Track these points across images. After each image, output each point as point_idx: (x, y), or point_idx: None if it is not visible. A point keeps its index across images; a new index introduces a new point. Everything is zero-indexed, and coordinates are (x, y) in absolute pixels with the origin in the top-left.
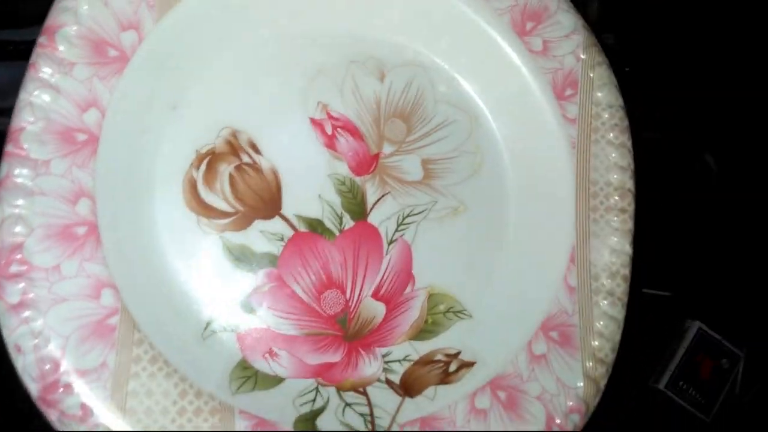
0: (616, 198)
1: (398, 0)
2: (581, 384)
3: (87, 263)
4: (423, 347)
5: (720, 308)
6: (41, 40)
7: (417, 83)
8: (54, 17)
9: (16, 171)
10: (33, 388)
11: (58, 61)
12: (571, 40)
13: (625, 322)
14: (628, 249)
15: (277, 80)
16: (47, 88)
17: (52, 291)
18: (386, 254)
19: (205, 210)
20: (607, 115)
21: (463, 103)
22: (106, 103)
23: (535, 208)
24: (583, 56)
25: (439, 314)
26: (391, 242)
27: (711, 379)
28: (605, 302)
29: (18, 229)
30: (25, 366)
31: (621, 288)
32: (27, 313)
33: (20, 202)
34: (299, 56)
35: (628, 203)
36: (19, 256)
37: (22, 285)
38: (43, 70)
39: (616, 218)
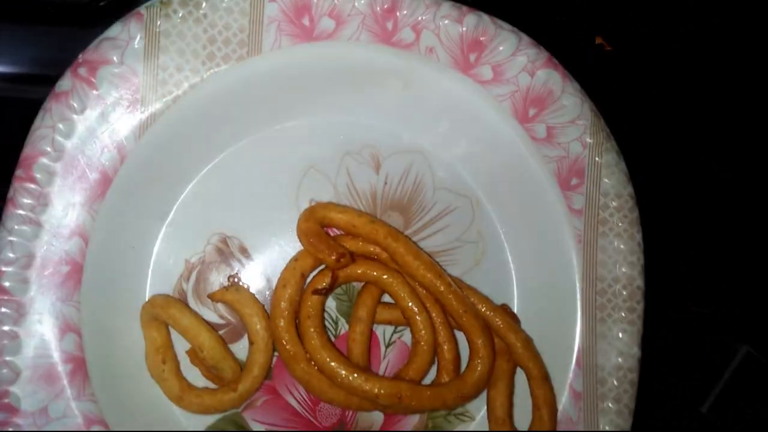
0: (625, 295)
1: (395, 86)
2: None
3: (74, 402)
4: None
5: None
6: (18, 173)
7: (415, 170)
8: (31, 147)
9: None
10: None
11: (36, 195)
12: (576, 126)
13: (672, 342)
14: (636, 351)
15: (268, 180)
16: (27, 224)
17: None
18: (383, 358)
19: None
20: (615, 205)
21: (464, 189)
22: (89, 230)
23: (539, 306)
24: (589, 141)
25: (439, 417)
26: (388, 345)
27: (754, 403)
28: (613, 407)
29: (4, 374)
30: None
31: (628, 394)
32: None
33: (4, 344)
34: (290, 153)
35: (637, 301)
36: (6, 401)
37: None
38: (21, 203)
39: (624, 317)
